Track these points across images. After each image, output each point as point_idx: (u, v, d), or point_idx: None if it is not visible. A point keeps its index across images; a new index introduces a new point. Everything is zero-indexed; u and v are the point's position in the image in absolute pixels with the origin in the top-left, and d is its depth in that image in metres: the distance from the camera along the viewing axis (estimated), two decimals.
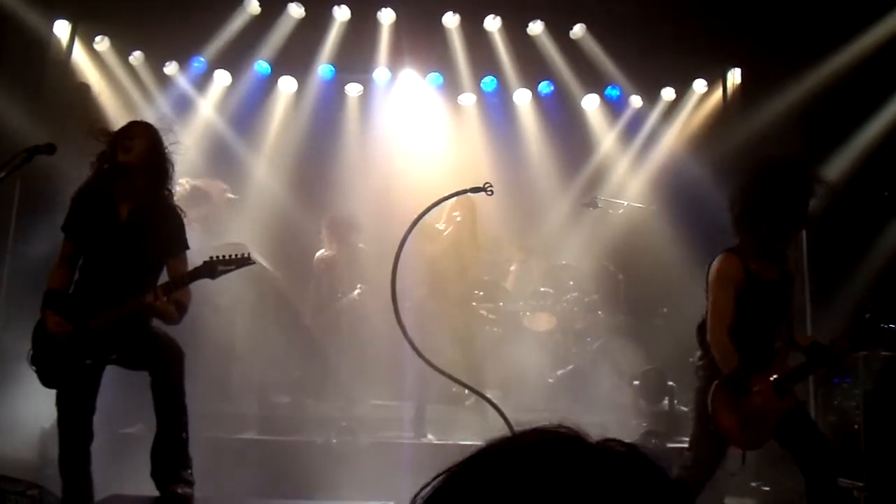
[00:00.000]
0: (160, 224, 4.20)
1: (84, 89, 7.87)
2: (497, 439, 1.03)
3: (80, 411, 4.03)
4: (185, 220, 4.36)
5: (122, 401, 4.87)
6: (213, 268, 4.06)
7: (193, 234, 4.52)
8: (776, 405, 3.86)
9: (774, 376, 3.91)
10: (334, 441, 5.88)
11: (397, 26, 8.31)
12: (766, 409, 3.86)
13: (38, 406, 4.79)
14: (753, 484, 5.70)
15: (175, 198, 4.42)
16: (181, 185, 6.01)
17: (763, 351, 4.02)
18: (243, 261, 4.14)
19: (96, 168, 4.18)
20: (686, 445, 4.50)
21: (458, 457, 1.06)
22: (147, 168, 4.16)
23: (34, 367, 4.05)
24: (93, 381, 4.07)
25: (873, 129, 7.18)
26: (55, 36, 7.69)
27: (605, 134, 9.03)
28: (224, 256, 4.10)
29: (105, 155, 4.17)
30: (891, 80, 7.20)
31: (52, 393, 4.06)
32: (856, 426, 5.66)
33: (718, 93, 8.82)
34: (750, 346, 3.98)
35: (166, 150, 4.26)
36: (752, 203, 4.01)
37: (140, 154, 4.13)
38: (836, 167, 7.13)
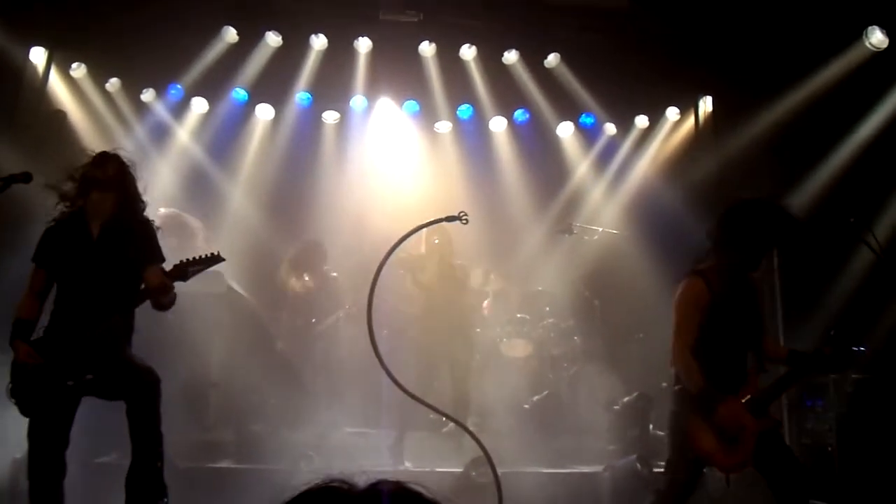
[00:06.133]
0: (132, 237, 4.22)
1: (60, 116, 7.84)
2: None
3: (51, 444, 3.97)
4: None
5: (97, 429, 4.81)
6: (184, 270, 4.07)
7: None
8: (752, 425, 3.90)
9: (748, 397, 3.95)
10: (303, 468, 5.83)
11: (374, 55, 8.38)
12: (744, 430, 3.88)
13: (9, 435, 4.72)
14: None
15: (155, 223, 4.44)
16: (160, 213, 6.05)
17: (734, 371, 4.07)
18: (213, 259, 4.14)
19: (70, 196, 4.20)
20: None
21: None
22: (118, 186, 4.21)
23: (14, 400, 3.99)
24: (68, 412, 4.03)
25: (840, 156, 7.35)
26: (31, 63, 7.66)
27: (579, 161, 9.13)
28: (194, 258, 4.12)
29: (77, 181, 4.19)
30: (856, 109, 7.39)
31: (24, 422, 4.01)
32: (829, 448, 5.73)
33: (690, 120, 8.97)
34: (720, 366, 4.03)
35: (135, 174, 4.31)
36: (727, 233, 4.09)
37: (111, 173, 4.20)
38: (805, 194, 7.28)
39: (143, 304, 4.19)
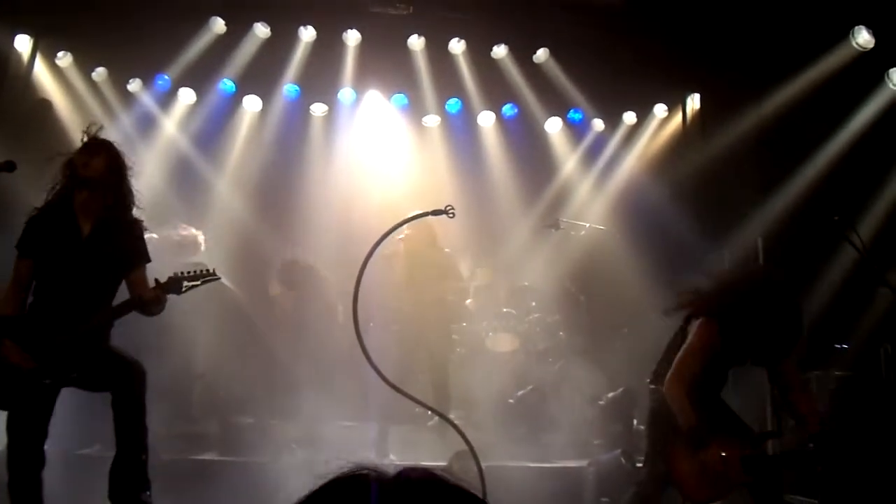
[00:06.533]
0: (121, 238, 4.18)
1: (45, 106, 7.77)
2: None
3: (31, 436, 3.94)
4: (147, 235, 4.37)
5: (79, 421, 4.79)
6: (178, 283, 4.05)
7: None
8: (736, 478, 3.84)
9: (747, 453, 3.87)
10: (287, 460, 5.83)
11: (363, 47, 8.36)
12: (727, 477, 3.83)
13: None
14: None
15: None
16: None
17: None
18: (208, 276, 4.14)
19: (57, 186, 4.14)
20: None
21: None
22: (108, 184, 4.14)
23: None
24: (47, 404, 3.99)
25: (825, 155, 7.40)
26: (16, 50, 7.59)
27: (567, 156, 9.15)
28: (190, 272, 4.10)
29: (65, 172, 4.14)
30: (842, 109, 7.44)
31: (2, 416, 3.98)
32: (811, 445, 5.76)
33: (678, 117, 9.01)
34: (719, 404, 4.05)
35: (126, 167, 4.25)
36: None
37: (101, 170, 4.11)
38: (791, 192, 7.33)
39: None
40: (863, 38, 7.35)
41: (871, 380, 5.96)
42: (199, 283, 4.11)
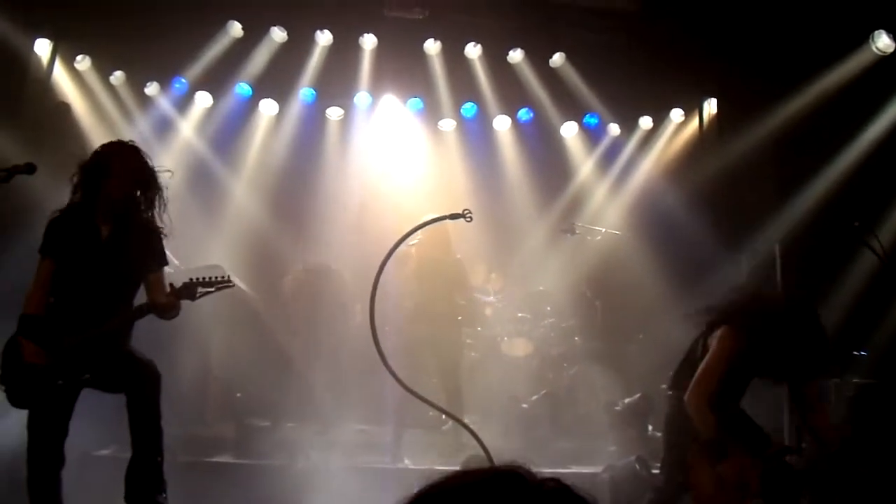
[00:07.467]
0: (140, 242, 4.19)
1: (64, 108, 7.83)
2: (443, 478, 1.12)
3: (51, 435, 3.96)
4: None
5: (95, 422, 4.80)
6: (192, 289, 4.06)
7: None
8: (756, 492, 3.76)
9: (767, 467, 3.77)
10: (302, 464, 5.83)
11: (379, 52, 8.38)
12: (744, 491, 3.81)
13: (7, 426, 4.71)
14: None
15: None
16: None
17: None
18: (222, 283, 4.15)
19: (79, 189, 4.16)
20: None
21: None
22: (132, 188, 4.16)
23: (2, 386, 3.98)
24: (66, 404, 4.01)
25: (844, 160, 7.34)
26: (35, 54, 7.66)
27: (583, 161, 9.13)
28: (203, 278, 4.11)
29: (89, 172, 4.15)
30: (861, 113, 7.38)
31: (23, 413, 4.00)
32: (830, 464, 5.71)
33: (695, 122, 8.97)
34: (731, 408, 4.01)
35: (153, 172, 4.25)
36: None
37: (129, 170, 4.13)
38: (809, 197, 7.28)
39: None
40: (883, 42, 7.30)
41: (890, 387, 5.91)
42: (212, 289, 4.12)
